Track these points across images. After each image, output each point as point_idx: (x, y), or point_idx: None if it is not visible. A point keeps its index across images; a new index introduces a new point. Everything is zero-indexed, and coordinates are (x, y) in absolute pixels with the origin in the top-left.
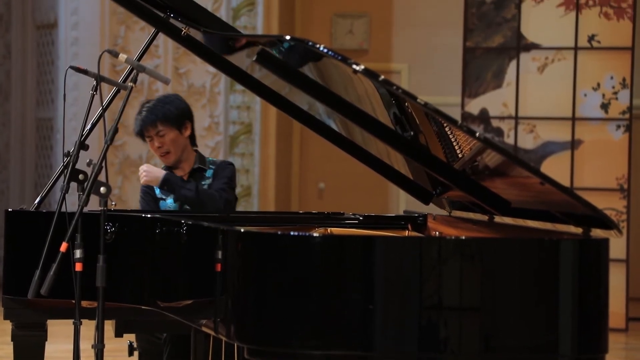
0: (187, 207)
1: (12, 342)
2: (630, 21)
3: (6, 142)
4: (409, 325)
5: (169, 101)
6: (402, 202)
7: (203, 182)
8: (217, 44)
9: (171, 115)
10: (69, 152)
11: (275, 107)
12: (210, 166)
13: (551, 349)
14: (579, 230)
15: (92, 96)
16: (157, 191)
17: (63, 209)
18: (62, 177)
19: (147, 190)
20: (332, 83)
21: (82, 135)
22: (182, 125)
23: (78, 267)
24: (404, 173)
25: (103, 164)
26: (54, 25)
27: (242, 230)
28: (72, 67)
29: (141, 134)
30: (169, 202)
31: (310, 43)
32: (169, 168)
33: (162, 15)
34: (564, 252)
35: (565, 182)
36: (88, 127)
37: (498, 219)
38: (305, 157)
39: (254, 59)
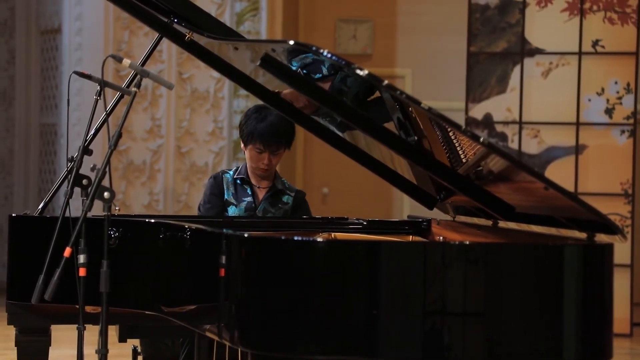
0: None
1: (15, 348)
2: (635, 26)
3: (10, 147)
4: (413, 330)
5: (293, 126)
6: (406, 207)
7: (280, 206)
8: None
9: (291, 141)
10: (72, 157)
11: (279, 112)
12: (288, 192)
13: (555, 355)
14: (583, 235)
15: (96, 101)
16: (228, 194)
17: (67, 214)
18: (66, 182)
19: (214, 192)
20: None
21: (85, 141)
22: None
23: (82, 272)
24: (408, 178)
25: (107, 169)
26: (58, 30)
27: (245, 235)
28: (76, 72)
29: (252, 141)
30: (238, 210)
31: (314, 48)
32: (242, 178)
33: (165, 20)
34: (568, 257)
35: (570, 187)
36: (92, 132)
37: (502, 224)
38: (309, 162)
39: (258, 63)
